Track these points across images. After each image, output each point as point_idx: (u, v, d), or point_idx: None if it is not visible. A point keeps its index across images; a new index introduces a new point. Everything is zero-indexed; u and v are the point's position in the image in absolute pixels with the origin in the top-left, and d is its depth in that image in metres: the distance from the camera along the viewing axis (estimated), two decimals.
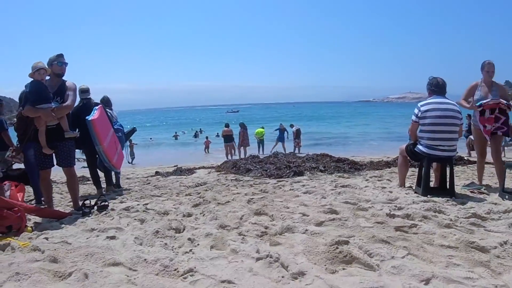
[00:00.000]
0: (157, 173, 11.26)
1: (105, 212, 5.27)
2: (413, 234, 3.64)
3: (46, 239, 4.07)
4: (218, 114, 74.95)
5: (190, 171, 11.09)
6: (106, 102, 8.09)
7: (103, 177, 7.71)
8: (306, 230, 3.79)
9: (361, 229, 3.79)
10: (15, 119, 7.41)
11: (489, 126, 5.94)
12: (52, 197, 5.86)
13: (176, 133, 39.91)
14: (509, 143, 14.77)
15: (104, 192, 7.18)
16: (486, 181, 6.48)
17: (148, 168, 14.47)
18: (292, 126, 22.06)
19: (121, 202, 6.05)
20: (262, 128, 22.39)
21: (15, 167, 7.18)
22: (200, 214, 4.75)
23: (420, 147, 5.54)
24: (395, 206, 4.69)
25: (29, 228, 4.69)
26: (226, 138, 20.22)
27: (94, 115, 6.86)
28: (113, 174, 7.97)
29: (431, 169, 5.78)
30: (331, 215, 4.39)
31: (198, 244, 3.51)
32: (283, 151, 16.45)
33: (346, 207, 4.79)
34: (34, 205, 6.15)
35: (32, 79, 5.31)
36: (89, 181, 9.11)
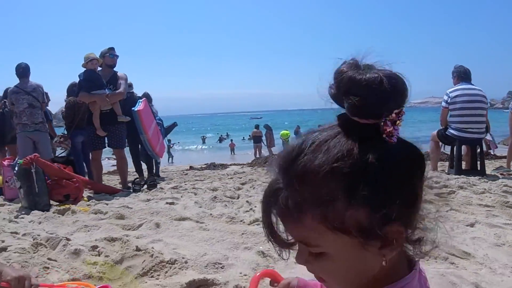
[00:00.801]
0: (191, 167, 11.70)
1: (155, 189, 5.68)
2: (452, 198, 3.92)
3: (106, 204, 4.47)
4: (241, 120, 75.53)
5: (224, 166, 11.49)
6: (147, 97, 8.60)
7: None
8: None
9: None
10: (63, 109, 7.97)
11: None
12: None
13: (204, 136, 40.79)
14: None
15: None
16: None
17: (180, 166, 14.94)
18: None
19: (167, 184, 6.46)
20: (287, 130, 22.96)
21: (59, 156, 7.68)
22: (250, 187, 5.10)
23: (451, 131, 5.87)
24: (432, 181, 4.96)
25: (85, 198, 5.16)
26: (256, 139, 20.98)
27: (140, 106, 7.31)
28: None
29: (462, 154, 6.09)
30: None
31: (256, 206, 3.82)
32: None
33: None
34: None
35: (85, 68, 5.85)
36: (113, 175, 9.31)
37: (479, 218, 3.01)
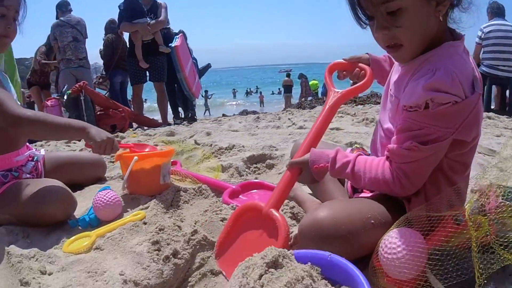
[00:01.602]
0: (223, 115, 11.98)
1: (195, 122, 5.97)
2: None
3: (153, 130, 4.79)
4: (270, 74, 74.79)
5: (255, 113, 11.73)
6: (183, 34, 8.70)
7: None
8: None
9: None
10: (101, 47, 8.17)
11: None
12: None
13: (234, 89, 41.00)
14: None
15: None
16: None
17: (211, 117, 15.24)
18: None
19: (206, 119, 6.75)
20: (316, 80, 22.60)
21: None
22: (290, 114, 5.34)
23: (483, 68, 5.92)
24: None
25: (131, 129, 5.51)
26: (286, 88, 20.57)
27: (177, 41, 7.34)
28: None
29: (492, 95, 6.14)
30: None
31: (298, 123, 4.09)
32: None
33: None
34: None
35: None
36: None
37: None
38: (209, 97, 23.60)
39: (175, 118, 6.21)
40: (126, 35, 6.73)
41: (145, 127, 5.64)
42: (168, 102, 7.07)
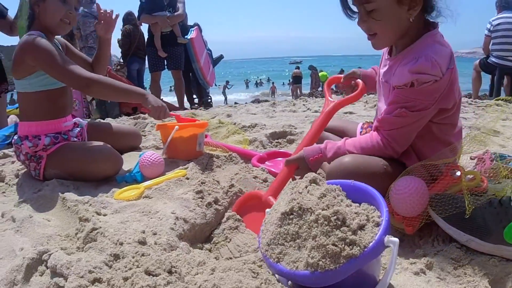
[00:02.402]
0: (236, 103, 12.24)
1: (211, 107, 6.24)
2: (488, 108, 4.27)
3: (173, 112, 5.06)
4: (281, 65, 74.77)
5: (267, 101, 11.97)
6: (198, 27, 8.98)
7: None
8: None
9: None
10: (120, 38, 8.51)
11: None
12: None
13: (247, 80, 41.24)
14: None
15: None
16: None
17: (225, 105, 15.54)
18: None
19: (221, 106, 7.01)
20: (325, 72, 23.03)
21: None
22: (303, 100, 5.58)
23: (492, 59, 6.16)
24: (472, 101, 5.30)
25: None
26: (295, 79, 21.09)
27: (193, 34, 7.69)
28: None
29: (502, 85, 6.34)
30: None
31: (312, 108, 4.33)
32: None
33: None
34: None
35: None
36: None
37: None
38: (228, 87, 24.06)
39: (191, 104, 6.50)
40: (144, 26, 7.03)
41: None
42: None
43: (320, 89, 18.03)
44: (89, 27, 6.68)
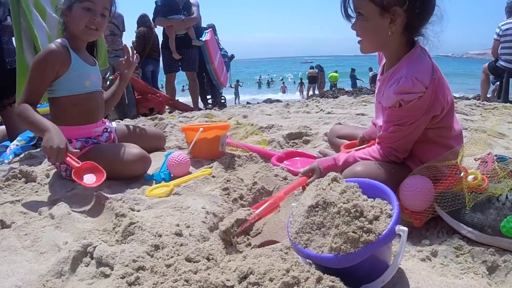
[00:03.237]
0: (248, 103, 12.38)
1: (225, 107, 6.41)
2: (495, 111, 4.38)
3: (189, 113, 5.21)
4: (292, 65, 74.96)
5: (279, 101, 12.09)
6: (213, 28, 9.14)
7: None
8: None
9: None
10: (134, 39, 8.71)
11: None
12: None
13: (259, 79, 41.42)
14: None
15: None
16: None
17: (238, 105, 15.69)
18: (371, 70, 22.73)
19: (234, 106, 7.18)
20: (336, 72, 23.20)
21: None
22: (315, 102, 5.74)
23: (501, 62, 6.30)
24: (479, 103, 5.40)
25: (167, 112, 5.96)
26: (311, 79, 21.45)
27: (207, 36, 7.86)
28: None
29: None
30: None
31: (325, 109, 4.47)
32: None
33: None
34: None
35: None
36: None
37: None
38: (240, 84, 24.30)
39: (204, 105, 6.68)
40: (159, 28, 7.23)
41: (180, 111, 6.11)
42: None
43: (326, 89, 18.28)
44: (105, 31, 6.86)
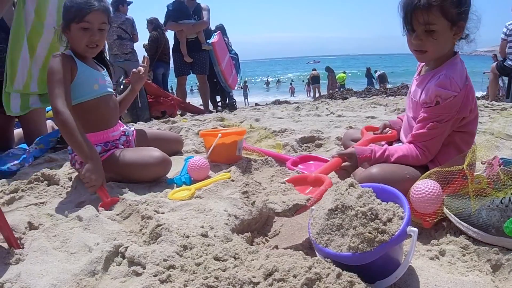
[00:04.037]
0: (256, 104, 12.48)
1: (235, 109, 6.53)
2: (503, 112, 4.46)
3: (201, 117, 5.32)
4: (300, 65, 75.07)
5: (288, 102, 12.18)
6: (222, 29, 9.25)
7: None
8: None
9: None
10: (145, 43, 8.85)
11: None
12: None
13: (267, 80, 41.56)
14: None
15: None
16: None
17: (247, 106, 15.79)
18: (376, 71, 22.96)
19: (244, 108, 7.30)
20: (344, 73, 23.47)
21: None
22: (326, 104, 5.85)
23: (509, 62, 6.29)
24: (488, 103, 5.47)
25: (179, 115, 6.10)
26: (314, 79, 21.78)
27: (214, 38, 7.97)
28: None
29: None
30: None
31: (335, 112, 4.57)
32: None
33: None
34: None
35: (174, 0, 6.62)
36: None
37: None
38: (248, 86, 24.40)
39: (214, 107, 6.82)
40: (169, 32, 7.38)
41: (191, 114, 6.25)
42: None
43: (336, 89, 18.41)
44: (111, 36, 7.02)
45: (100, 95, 2.27)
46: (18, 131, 3.50)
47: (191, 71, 6.95)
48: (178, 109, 6.46)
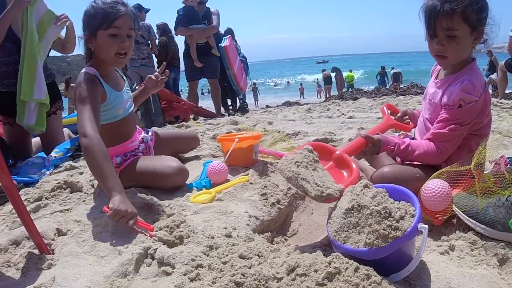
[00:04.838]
0: (267, 106, 12.57)
1: (247, 112, 6.63)
2: None
3: (214, 120, 5.44)
4: (308, 65, 75.03)
5: (298, 103, 12.26)
6: (231, 33, 9.36)
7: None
8: None
9: None
10: (157, 48, 8.96)
11: None
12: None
13: (275, 82, 41.71)
14: None
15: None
16: None
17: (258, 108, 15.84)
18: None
19: (256, 110, 7.39)
20: (351, 72, 23.52)
21: None
22: (336, 105, 5.94)
23: None
24: (497, 101, 5.52)
25: (192, 119, 6.21)
26: (326, 80, 21.86)
27: (226, 42, 8.06)
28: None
29: None
30: None
31: (347, 114, 4.67)
32: None
33: None
34: None
35: (184, 5, 6.74)
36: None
37: None
38: (258, 93, 24.49)
39: (225, 110, 6.92)
40: (179, 37, 7.49)
41: (204, 118, 6.37)
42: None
43: (345, 89, 18.49)
44: None
45: (123, 117, 2.28)
46: (35, 140, 3.58)
47: (202, 75, 7.04)
48: (191, 114, 6.59)
